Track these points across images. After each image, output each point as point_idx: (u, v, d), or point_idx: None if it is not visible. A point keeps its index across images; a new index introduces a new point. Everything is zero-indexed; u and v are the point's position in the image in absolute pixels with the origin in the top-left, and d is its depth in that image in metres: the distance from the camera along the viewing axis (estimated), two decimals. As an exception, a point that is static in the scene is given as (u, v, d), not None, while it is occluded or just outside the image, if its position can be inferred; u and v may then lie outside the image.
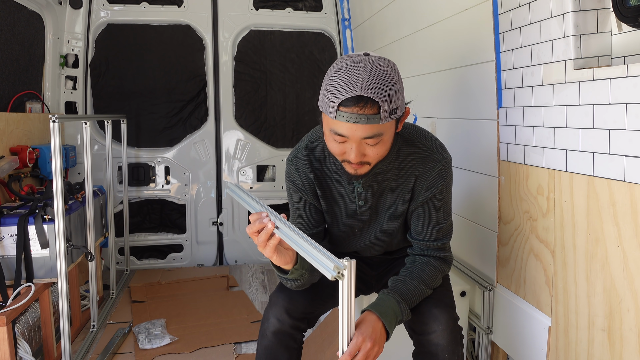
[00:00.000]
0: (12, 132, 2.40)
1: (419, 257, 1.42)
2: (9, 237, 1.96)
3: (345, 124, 1.17)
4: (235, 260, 3.53)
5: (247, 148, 3.46)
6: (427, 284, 1.37)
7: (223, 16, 3.37)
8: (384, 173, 1.38)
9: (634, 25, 1.26)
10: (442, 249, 1.43)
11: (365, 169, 1.28)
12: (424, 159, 1.37)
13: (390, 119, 1.19)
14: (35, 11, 2.79)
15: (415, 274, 1.37)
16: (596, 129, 1.30)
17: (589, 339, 1.39)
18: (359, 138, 1.19)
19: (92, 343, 2.30)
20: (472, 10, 1.82)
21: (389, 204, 1.42)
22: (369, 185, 1.39)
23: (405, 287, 1.34)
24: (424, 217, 1.40)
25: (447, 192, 1.40)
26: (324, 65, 3.53)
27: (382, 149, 1.24)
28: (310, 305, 1.45)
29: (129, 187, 3.29)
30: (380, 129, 1.19)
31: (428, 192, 1.37)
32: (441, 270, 1.42)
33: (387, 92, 1.16)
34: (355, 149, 1.21)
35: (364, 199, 1.41)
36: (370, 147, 1.22)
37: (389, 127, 1.23)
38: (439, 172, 1.36)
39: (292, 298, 1.42)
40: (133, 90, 3.33)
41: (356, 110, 1.15)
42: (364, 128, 1.17)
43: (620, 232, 1.25)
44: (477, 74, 1.86)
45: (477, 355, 1.98)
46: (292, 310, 1.41)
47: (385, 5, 2.60)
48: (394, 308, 1.28)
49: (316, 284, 1.41)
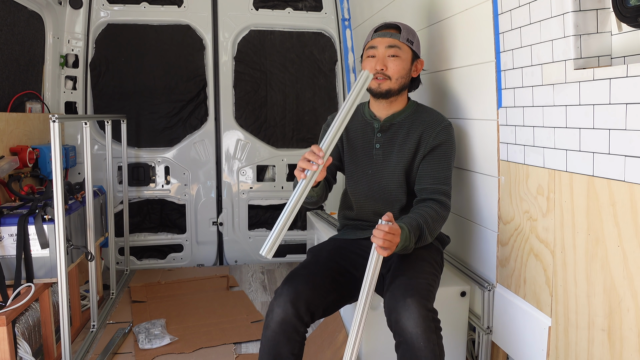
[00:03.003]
0: (12, 132, 2.40)
1: (421, 202, 1.67)
2: (9, 237, 1.96)
3: (376, 39, 1.74)
4: (235, 260, 3.53)
5: (247, 148, 3.46)
6: (427, 222, 1.57)
7: (223, 16, 3.37)
8: (399, 125, 1.77)
9: (634, 25, 1.26)
10: (444, 193, 1.68)
11: (386, 85, 1.71)
12: (433, 118, 1.76)
13: (407, 44, 1.73)
14: (35, 11, 2.79)
15: (417, 213, 1.60)
16: (596, 129, 1.30)
17: (589, 339, 1.39)
18: (384, 47, 1.71)
19: (92, 343, 2.30)
20: (472, 10, 1.82)
21: (399, 150, 1.75)
22: (386, 131, 1.77)
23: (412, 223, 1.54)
24: (429, 165, 1.71)
25: (450, 146, 1.73)
26: (324, 65, 3.53)
27: (399, 65, 1.71)
28: (313, 297, 1.53)
29: (129, 187, 3.29)
30: (399, 44, 1.72)
31: (434, 140, 1.70)
32: (440, 213, 1.63)
33: (407, 27, 1.75)
34: (380, 59, 1.71)
35: (380, 142, 1.77)
36: (391, 60, 1.71)
37: (406, 50, 1.73)
38: (444, 127, 1.73)
39: (297, 290, 1.51)
40: (133, 90, 3.33)
41: (384, 30, 1.75)
42: (388, 40, 1.72)
43: (621, 232, 1.25)
44: (477, 74, 1.86)
45: (477, 356, 1.98)
46: (295, 300, 1.50)
47: (385, 5, 2.60)
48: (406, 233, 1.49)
49: (318, 278, 1.58)
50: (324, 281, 1.60)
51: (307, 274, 1.60)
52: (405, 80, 1.75)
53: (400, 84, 1.74)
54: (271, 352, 1.51)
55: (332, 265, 1.67)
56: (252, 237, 3.53)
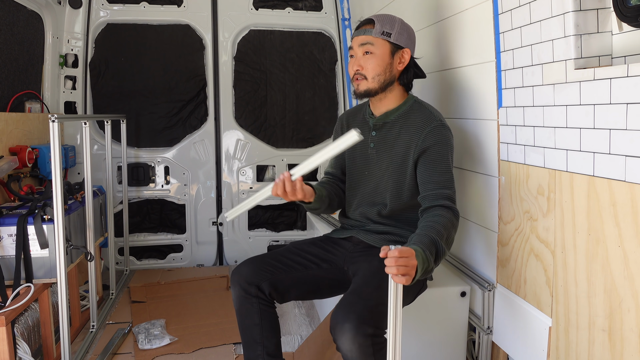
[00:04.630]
0: (12, 132, 2.40)
1: (425, 212, 1.57)
2: (8, 237, 1.96)
3: (354, 39, 1.71)
4: (235, 260, 3.52)
5: (247, 148, 3.46)
6: (440, 233, 1.44)
7: (223, 16, 3.36)
8: (392, 124, 1.71)
9: (634, 24, 1.25)
10: (447, 197, 1.57)
11: (364, 85, 1.67)
12: (424, 118, 1.67)
13: (382, 37, 1.65)
14: (34, 11, 2.79)
15: (425, 226, 1.47)
16: (597, 129, 1.29)
17: (589, 339, 1.38)
18: (357, 46, 1.68)
19: (91, 343, 2.30)
20: (472, 10, 1.82)
21: (391, 151, 1.70)
22: (380, 129, 1.73)
23: (423, 240, 1.40)
24: (424, 170, 1.62)
25: (443, 148, 1.63)
26: (324, 65, 3.52)
27: (374, 62, 1.65)
28: (251, 271, 1.68)
29: (129, 187, 3.28)
30: (372, 40, 1.65)
31: (423, 143, 1.62)
32: (449, 220, 1.51)
33: (383, 17, 1.67)
34: (357, 59, 1.68)
35: (374, 142, 1.74)
36: (365, 59, 1.66)
37: (380, 45, 1.66)
38: (433, 128, 1.63)
39: (238, 269, 1.70)
40: (133, 90, 3.33)
41: (359, 28, 1.70)
42: (361, 38, 1.67)
43: (621, 233, 1.24)
44: (477, 74, 1.86)
45: (477, 356, 1.97)
46: (240, 276, 1.68)
47: (386, 5, 2.59)
48: (422, 255, 1.34)
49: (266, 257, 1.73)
50: (269, 260, 1.71)
51: (255, 257, 1.74)
52: (385, 76, 1.66)
53: (379, 82, 1.66)
54: (241, 327, 1.72)
55: (293, 250, 1.78)
56: (252, 237, 3.53)
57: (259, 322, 1.68)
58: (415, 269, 1.29)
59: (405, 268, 1.25)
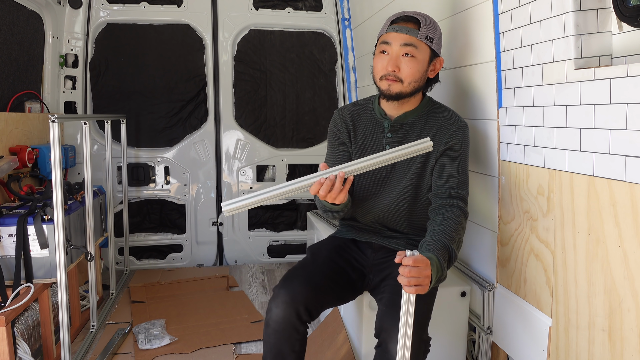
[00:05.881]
0: (12, 132, 2.40)
1: (436, 211, 1.52)
2: (8, 237, 1.96)
3: (391, 33, 1.56)
4: (235, 261, 3.53)
5: (247, 148, 3.46)
6: (452, 238, 1.41)
7: (223, 16, 3.36)
8: (411, 124, 1.64)
9: (634, 25, 1.25)
10: (460, 197, 1.55)
11: (397, 88, 1.56)
12: (448, 118, 1.63)
13: (426, 42, 1.55)
14: (34, 11, 2.79)
15: (437, 229, 1.44)
16: (597, 129, 1.29)
17: (589, 339, 1.38)
18: (398, 44, 1.55)
19: (91, 343, 2.30)
20: (472, 10, 1.82)
21: None
22: (397, 131, 1.64)
23: (437, 246, 1.37)
24: (442, 168, 1.58)
25: (465, 148, 1.60)
26: (324, 65, 3.52)
27: (414, 67, 1.55)
28: (311, 298, 1.53)
29: (129, 187, 3.28)
30: (416, 42, 1.55)
31: (448, 142, 1.58)
32: (460, 222, 1.48)
33: (428, 21, 1.57)
34: (393, 58, 1.55)
35: (390, 144, 1.64)
36: (404, 62, 1.55)
37: (423, 50, 1.56)
38: (459, 128, 1.60)
39: (294, 291, 1.52)
40: (133, 90, 3.33)
41: (401, 24, 1.56)
42: (404, 37, 1.54)
43: (621, 233, 1.24)
44: (477, 74, 1.86)
45: (477, 356, 1.97)
46: (292, 302, 1.51)
47: (386, 5, 2.59)
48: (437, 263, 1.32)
49: (316, 278, 1.57)
50: (322, 281, 1.58)
51: (305, 274, 1.60)
52: (420, 83, 1.60)
53: (413, 88, 1.58)
54: (273, 350, 1.54)
55: (330, 264, 1.67)
56: (252, 237, 3.53)
57: (299, 349, 1.55)
58: (429, 278, 1.25)
59: (417, 279, 1.22)
